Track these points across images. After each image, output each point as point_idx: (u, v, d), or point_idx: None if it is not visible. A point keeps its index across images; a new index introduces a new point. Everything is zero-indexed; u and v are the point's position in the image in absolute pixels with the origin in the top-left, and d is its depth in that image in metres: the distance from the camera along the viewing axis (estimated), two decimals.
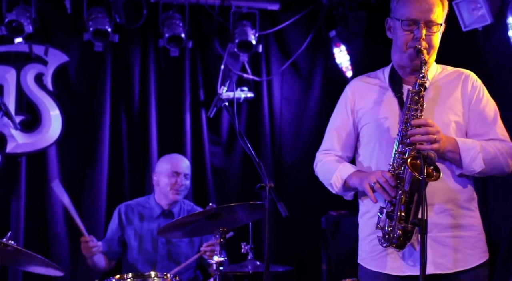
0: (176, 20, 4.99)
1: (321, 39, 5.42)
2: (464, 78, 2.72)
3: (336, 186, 2.72)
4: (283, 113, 5.45)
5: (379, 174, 2.52)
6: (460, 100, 2.67)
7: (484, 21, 3.99)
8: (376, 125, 2.69)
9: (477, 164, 2.56)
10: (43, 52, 4.88)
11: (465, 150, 2.55)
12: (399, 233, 2.47)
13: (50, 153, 4.90)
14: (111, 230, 4.29)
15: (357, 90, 2.82)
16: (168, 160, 4.36)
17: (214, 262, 3.33)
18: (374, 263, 2.67)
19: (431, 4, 2.61)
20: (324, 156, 2.85)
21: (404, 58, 2.65)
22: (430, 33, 2.62)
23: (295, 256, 5.28)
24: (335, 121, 2.87)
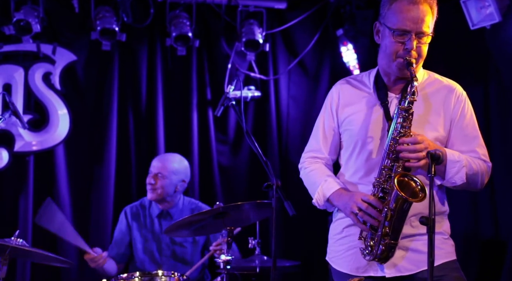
0: (183, 19, 5.00)
1: (328, 38, 5.41)
2: (449, 91, 2.69)
3: (319, 204, 2.75)
4: (290, 112, 5.45)
5: (359, 201, 2.54)
6: (443, 114, 2.65)
7: (492, 20, 3.97)
8: (357, 132, 2.68)
9: (460, 178, 2.57)
10: (51, 51, 4.90)
11: (452, 162, 2.55)
12: (382, 248, 2.51)
13: (58, 152, 4.92)
14: (119, 233, 4.29)
15: (342, 93, 2.80)
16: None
17: (221, 261, 3.33)
18: (340, 263, 2.73)
19: (423, 14, 2.56)
20: (309, 163, 2.86)
21: (392, 66, 2.63)
22: (421, 44, 2.59)
23: (302, 252, 5.28)
24: (321, 121, 2.86)
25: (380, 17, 2.69)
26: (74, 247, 4.87)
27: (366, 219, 2.52)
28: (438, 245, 2.58)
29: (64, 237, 3.95)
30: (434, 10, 2.61)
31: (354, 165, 2.69)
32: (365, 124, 2.66)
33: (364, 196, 2.55)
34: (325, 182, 2.72)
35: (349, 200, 2.59)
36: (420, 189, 2.45)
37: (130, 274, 3.53)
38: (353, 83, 2.81)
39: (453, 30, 4.36)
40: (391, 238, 2.49)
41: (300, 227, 5.25)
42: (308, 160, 2.87)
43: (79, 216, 4.93)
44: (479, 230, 4.35)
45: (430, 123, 2.64)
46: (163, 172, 4.22)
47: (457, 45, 4.43)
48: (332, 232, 2.80)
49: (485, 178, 2.66)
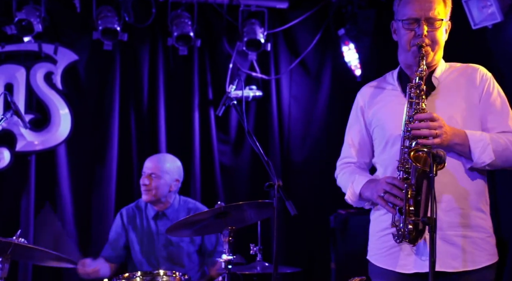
0: (185, 18, 5.00)
1: (330, 38, 5.41)
2: (472, 72, 2.71)
3: (352, 200, 2.77)
4: (291, 111, 5.44)
5: (384, 183, 2.54)
6: (470, 95, 2.65)
7: (494, 19, 3.97)
8: (387, 126, 2.70)
9: (487, 156, 2.53)
10: (53, 51, 4.90)
11: (475, 142, 2.53)
12: (410, 227, 2.46)
13: (60, 151, 4.92)
14: (115, 233, 4.27)
15: (367, 95, 2.84)
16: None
17: (222, 261, 3.32)
18: (383, 260, 2.68)
19: (431, 2, 2.61)
20: (341, 168, 2.91)
21: (409, 56, 2.66)
22: (432, 29, 2.62)
23: (304, 255, 5.28)
24: (349, 129, 2.91)
25: (394, 15, 2.73)
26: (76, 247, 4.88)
27: (391, 200, 2.51)
28: (481, 244, 2.59)
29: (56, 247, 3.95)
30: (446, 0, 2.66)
31: (387, 158, 2.69)
32: (393, 117, 2.67)
33: (387, 178, 2.55)
34: (355, 179, 2.76)
35: (375, 185, 2.60)
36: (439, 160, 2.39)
37: (131, 274, 3.53)
38: (374, 84, 2.86)
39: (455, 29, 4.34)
40: (417, 215, 2.44)
41: (302, 229, 5.25)
42: (341, 167, 2.93)
43: (80, 216, 4.93)
44: None
45: (461, 104, 2.63)
46: (157, 172, 4.21)
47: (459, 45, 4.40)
48: (374, 229, 2.76)
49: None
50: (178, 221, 3.60)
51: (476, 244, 2.57)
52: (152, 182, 4.18)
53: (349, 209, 5.09)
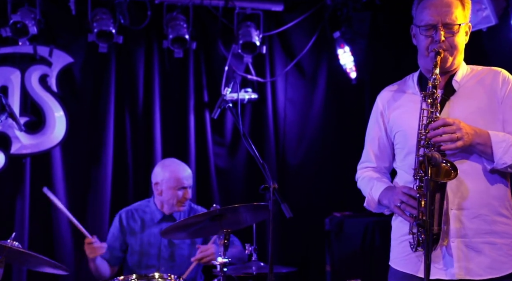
0: (180, 21, 5.00)
1: (325, 40, 5.42)
2: (494, 75, 2.69)
3: (372, 207, 2.78)
4: (287, 114, 5.45)
5: (400, 193, 2.54)
6: (491, 97, 2.63)
7: (489, 22, 3.98)
8: (408, 130, 2.68)
9: (509, 157, 2.51)
10: (48, 53, 4.89)
11: (497, 142, 2.52)
12: (423, 237, 2.46)
13: (55, 154, 4.91)
14: (112, 236, 4.25)
15: (387, 99, 2.83)
16: (172, 170, 4.22)
17: (218, 263, 3.32)
18: (403, 264, 2.68)
19: (447, 5, 2.60)
20: (361, 172, 2.91)
21: (427, 62, 2.65)
22: (450, 35, 2.61)
23: (299, 257, 5.28)
24: (369, 133, 2.91)
25: (413, 20, 2.73)
26: (71, 250, 4.87)
27: (408, 210, 2.51)
28: (506, 250, 2.57)
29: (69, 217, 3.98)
30: (464, 1, 2.65)
31: (409, 165, 2.67)
32: (414, 123, 2.64)
33: (404, 187, 2.55)
34: (373, 185, 2.76)
35: (392, 195, 2.60)
36: (451, 167, 2.41)
37: (126, 277, 3.52)
38: (394, 88, 2.85)
39: None
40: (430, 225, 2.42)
41: (297, 232, 5.25)
42: (361, 171, 2.92)
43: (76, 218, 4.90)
44: None
45: (483, 108, 2.62)
46: (192, 182, 4.25)
47: None
48: (397, 234, 2.76)
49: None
50: (173, 224, 3.60)
51: (502, 251, 2.56)
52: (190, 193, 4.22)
53: (344, 212, 5.10)
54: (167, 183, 4.18)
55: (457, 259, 2.53)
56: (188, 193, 4.19)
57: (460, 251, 2.51)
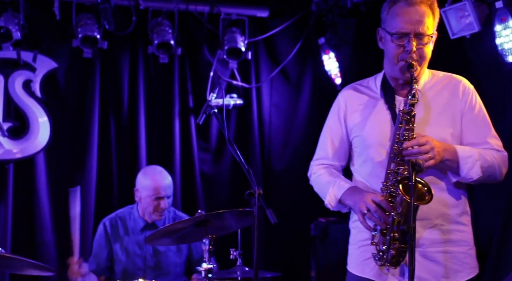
0: (165, 26, 4.99)
1: (310, 46, 5.44)
2: (455, 85, 2.70)
3: (332, 205, 2.75)
4: (272, 120, 5.45)
5: (369, 201, 2.52)
6: (453, 109, 2.65)
7: (472, 29, 4.02)
8: (368, 138, 2.68)
9: (475, 172, 2.55)
10: (32, 59, 4.86)
11: (464, 158, 2.54)
12: (392, 253, 2.48)
13: (38, 160, 4.88)
14: (98, 246, 4.20)
15: (350, 99, 2.80)
16: (151, 178, 4.16)
17: (202, 269, 3.31)
18: (361, 269, 2.69)
19: (420, 15, 2.56)
20: (318, 169, 2.86)
21: (395, 70, 2.63)
22: (421, 45, 2.58)
23: (284, 263, 5.28)
24: (328, 129, 2.86)
25: (381, 22, 2.69)
26: (54, 257, 4.84)
27: (373, 220, 2.52)
28: (461, 259, 2.60)
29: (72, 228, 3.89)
30: (434, 11, 2.61)
31: (368, 170, 2.69)
32: (374, 130, 2.66)
33: (374, 196, 2.54)
34: (335, 183, 2.72)
35: (360, 199, 2.58)
36: (427, 190, 2.44)
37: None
38: (359, 89, 2.81)
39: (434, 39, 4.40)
40: (401, 242, 2.47)
41: (282, 237, 5.25)
42: (317, 167, 2.88)
43: (59, 225, 4.88)
44: None
45: (441, 122, 2.63)
46: (171, 192, 4.16)
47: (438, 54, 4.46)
48: (354, 238, 2.76)
49: (503, 168, 2.64)
50: (157, 230, 3.59)
51: (458, 259, 2.59)
52: (170, 200, 4.14)
53: (330, 217, 5.11)
54: (145, 191, 4.13)
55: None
56: (164, 203, 4.10)
57: (416, 261, 2.52)
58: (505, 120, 3.94)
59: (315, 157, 2.91)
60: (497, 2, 3.82)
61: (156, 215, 4.13)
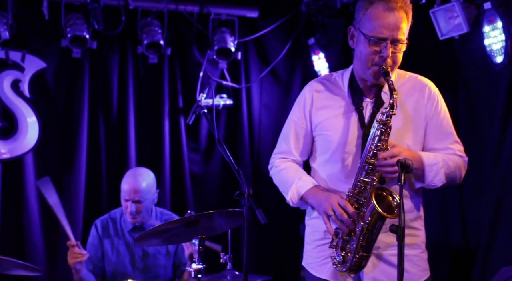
0: (155, 27, 4.98)
1: (300, 47, 5.44)
2: (421, 89, 2.70)
3: (293, 202, 2.75)
4: (262, 120, 5.46)
5: (335, 204, 2.52)
6: (418, 112, 2.66)
7: (461, 30, 4.04)
8: (333, 137, 2.67)
9: (439, 179, 2.59)
10: (20, 59, 4.83)
11: (429, 165, 2.57)
12: (355, 260, 2.51)
13: (27, 160, 4.85)
14: (92, 247, 4.18)
15: (316, 94, 2.77)
16: (125, 180, 4.16)
17: (192, 270, 3.31)
18: (320, 270, 2.71)
19: (398, 21, 2.54)
20: (280, 162, 2.84)
21: (368, 73, 2.61)
22: (396, 51, 2.57)
23: (273, 264, 5.28)
24: (292, 122, 2.83)
25: (355, 21, 2.66)
26: (43, 257, 4.81)
27: (338, 224, 2.52)
28: (415, 261, 2.65)
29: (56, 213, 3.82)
30: (409, 17, 2.60)
31: (329, 171, 2.68)
32: (341, 130, 2.65)
33: (341, 200, 2.53)
34: (300, 179, 2.71)
35: (325, 200, 2.57)
36: (397, 204, 2.46)
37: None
38: (326, 84, 2.78)
39: (423, 40, 4.42)
40: (364, 251, 2.51)
41: (272, 238, 5.25)
42: (279, 160, 2.86)
43: (48, 226, 4.85)
44: (448, 239, 4.40)
45: (407, 127, 2.64)
46: (142, 196, 4.08)
47: (427, 55, 4.49)
48: (311, 237, 2.78)
49: (463, 172, 2.69)
50: (147, 230, 3.58)
51: (411, 262, 2.62)
52: (139, 207, 4.08)
53: None
54: (121, 192, 4.14)
55: (367, 270, 2.59)
56: (131, 206, 4.04)
57: (371, 263, 2.57)
58: (493, 120, 3.96)
59: (277, 150, 2.89)
60: (485, 3, 3.84)
61: (129, 218, 4.11)
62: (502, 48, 3.81)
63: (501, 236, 3.85)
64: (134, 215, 4.07)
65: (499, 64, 3.86)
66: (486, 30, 3.89)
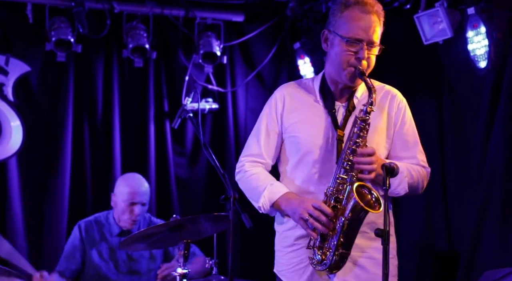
0: (140, 30, 4.97)
1: (286, 51, 5.45)
2: (391, 99, 2.71)
3: (264, 209, 2.70)
4: (247, 124, 5.45)
5: (310, 208, 2.52)
6: (386, 122, 2.68)
7: (445, 35, 4.07)
8: (305, 141, 2.66)
9: (402, 188, 2.62)
10: (4, 62, 4.80)
11: None
12: (336, 258, 2.51)
13: (11, 164, 4.81)
14: (72, 247, 4.15)
15: (288, 97, 2.75)
16: (128, 184, 4.17)
17: (177, 274, 3.30)
18: (290, 276, 2.70)
19: (373, 24, 2.57)
20: (250, 166, 2.77)
21: (343, 75, 2.61)
22: (370, 54, 2.59)
23: (260, 268, 5.25)
24: (263, 125, 2.79)
25: (330, 25, 2.66)
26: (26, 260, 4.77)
27: (316, 226, 2.51)
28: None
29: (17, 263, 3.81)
30: (381, 22, 2.62)
31: (301, 174, 2.67)
32: (312, 133, 2.65)
33: (315, 203, 2.54)
34: (271, 186, 2.68)
35: (299, 205, 2.56)
36: (375, 200, 2.48)
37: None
38: (298, 88, 2.77)
39: (407, 44, 4.45)
40: (344, 248, 2.51)
41: (258, 241, 5.24)
42: (249, 164, 2.78)
43: (32, 230, 4.82)
44: (433, 242, 4.42)
45: (378, 130, 2.66)
46: (147, 199, 4.13)
47: (411, 60, 4.53)
48: (281, 244, 2.76)
49: (425, 183, 2.72)
50: (132, 235, 3.56)
51: (379, 265, 2.57)
52: (145, 208, 4.10)
53: None
54: (121, 196, 4.12)
55: (339, 273, 2.59)
56: (138, 209, 4.08)
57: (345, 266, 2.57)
58: (477, 124, 3.99)
59: (246, 152, 2.82)
60: (469, 9, 3.88)
61: (128, 223, 4.10)
62: (485, 53, 3.85)
63: (485, 240, 3.87)
64: (137, 218, 4.09)
65: (482, 69, 3.90)
66: (470, 35, 3.93)
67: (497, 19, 3.82)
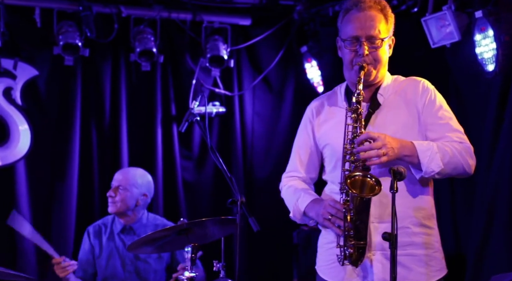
0: (148, 34, 4.99)
1: (293, 54, 5.46)
2: (414, 85, 2.72)
3: (297, 218, 2.78)
4: (254, 127, 5.46)
5: (328, 206, 2.57)
6: (413, 107, 2.66)
7: (452, 38, 4.06)
8: (336, 145, 2.68)
9: (436, 164, 2.53)
10: (12, 66, 4.82)
11: (423, 151, 2.53)
12: (350, 251, 2.51)
13: (19, 168, 4.83)
14: (84, 253, 4.18)
15: (317, 111, 2.84)
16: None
17: (185, 278, 3.30)
18: (328, 273, 2.72)
19: (371, 18, 2.61)
20: (287, 181, 2.89)
21: (352, 75, 2.67)
22: (374, 48, 2.62)
23: (266, 271, 5.27)
24: (297, 142, 2.92)
25: (339, 32, 2.74)
26: (34, 265, 4.78)
27: (338, 223, 2.54)
28: (427, 261, 2.61)
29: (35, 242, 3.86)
30: (387, 16, 2.65)
31: (337, 177, 2.68)
32: (341, 136, 2.66)
33: (331, 201, 2.58)
34: (300, 196, 2.75)
35: (320, 208, 2.62)
36: (376, 183, 2.45)
37: None
38: (325, 99, 2.85)
39: (415, 48, 4.45)
40: (356, 239, 2.49)
41: (265, 245, 5.24)
42: (286, 179, 2.91)
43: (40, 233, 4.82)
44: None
45: (406, 118, 2.65)
46: (124, 185, 4.16)
47: (419, 63, 4.52)
48: (323, 241, 2.80)
49: (468, 158, 2.60)
50: (139, 238, 3.57)
51: (422, 262, 2.60)
52: (118, 194, 4.12)
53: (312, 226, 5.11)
54: None
55: (376, 271, 2.58)
56: (110, 191, 4.14)
57: (380, 264, 2.56)
58: (485, 128, 3.98)
59: (287, 170, 2.95)
60: (476, 12, 3.87)
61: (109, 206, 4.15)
62: (493, 56, 3.83)
63: (493, 243, 3.86)
64: (113, 199, 4.12)
65: (490, 72, 3.89)
66: (478, 39, 3.92)
67: (505, 22, 3.81)
